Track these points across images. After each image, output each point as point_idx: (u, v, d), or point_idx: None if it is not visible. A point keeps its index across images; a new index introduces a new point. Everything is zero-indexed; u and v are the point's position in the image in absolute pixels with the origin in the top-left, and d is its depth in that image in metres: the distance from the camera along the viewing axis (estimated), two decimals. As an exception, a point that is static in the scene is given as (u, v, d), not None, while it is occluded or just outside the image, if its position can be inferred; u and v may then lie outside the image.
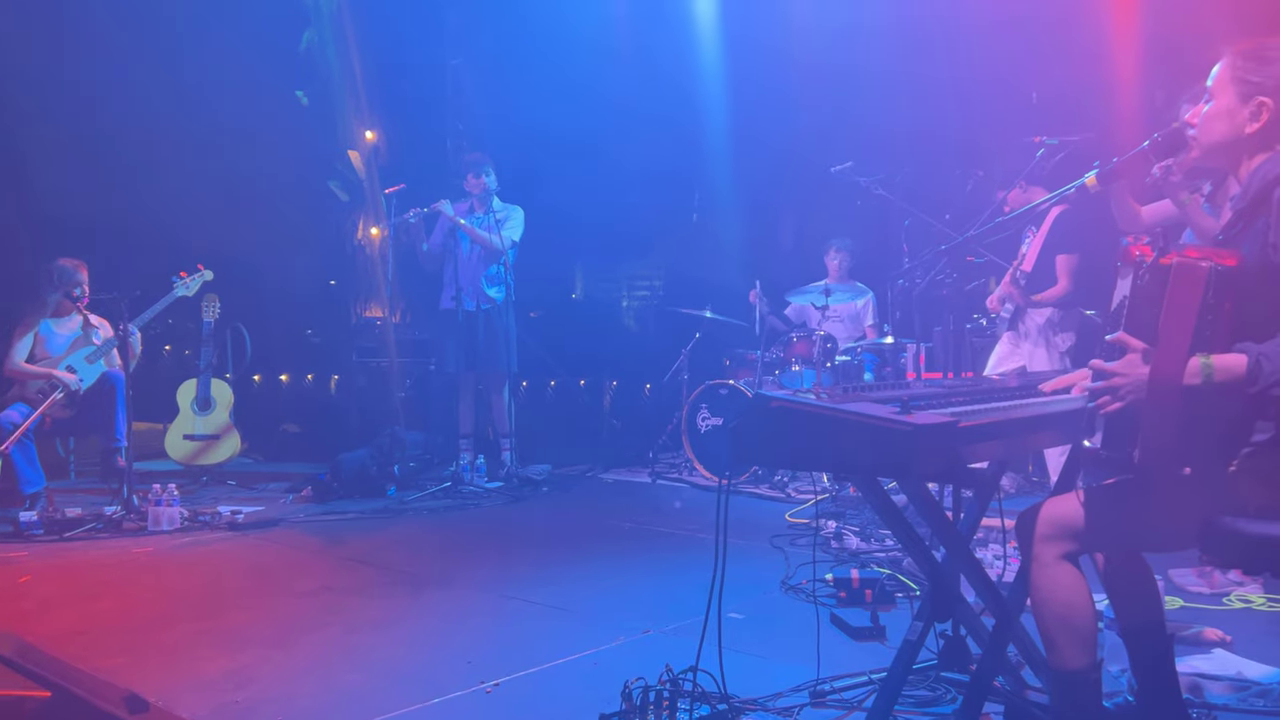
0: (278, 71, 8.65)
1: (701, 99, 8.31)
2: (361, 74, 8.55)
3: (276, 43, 8.61)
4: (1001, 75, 6.93)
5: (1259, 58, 2.10)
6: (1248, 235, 2.04)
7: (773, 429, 2.09)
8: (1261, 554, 1.94)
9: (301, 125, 8.78)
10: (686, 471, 7.14)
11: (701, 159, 8.59)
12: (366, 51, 8.56)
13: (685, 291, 8.14)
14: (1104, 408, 1.99)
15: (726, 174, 8.59)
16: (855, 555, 4.49)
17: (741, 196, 8.68)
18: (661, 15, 8.08)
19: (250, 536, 5.07)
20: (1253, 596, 3.78)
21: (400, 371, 7.73)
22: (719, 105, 8.33)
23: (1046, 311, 5.18)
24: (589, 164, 8.46)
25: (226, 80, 8.19)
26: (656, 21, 8.08)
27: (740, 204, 8.73)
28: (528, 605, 3.82)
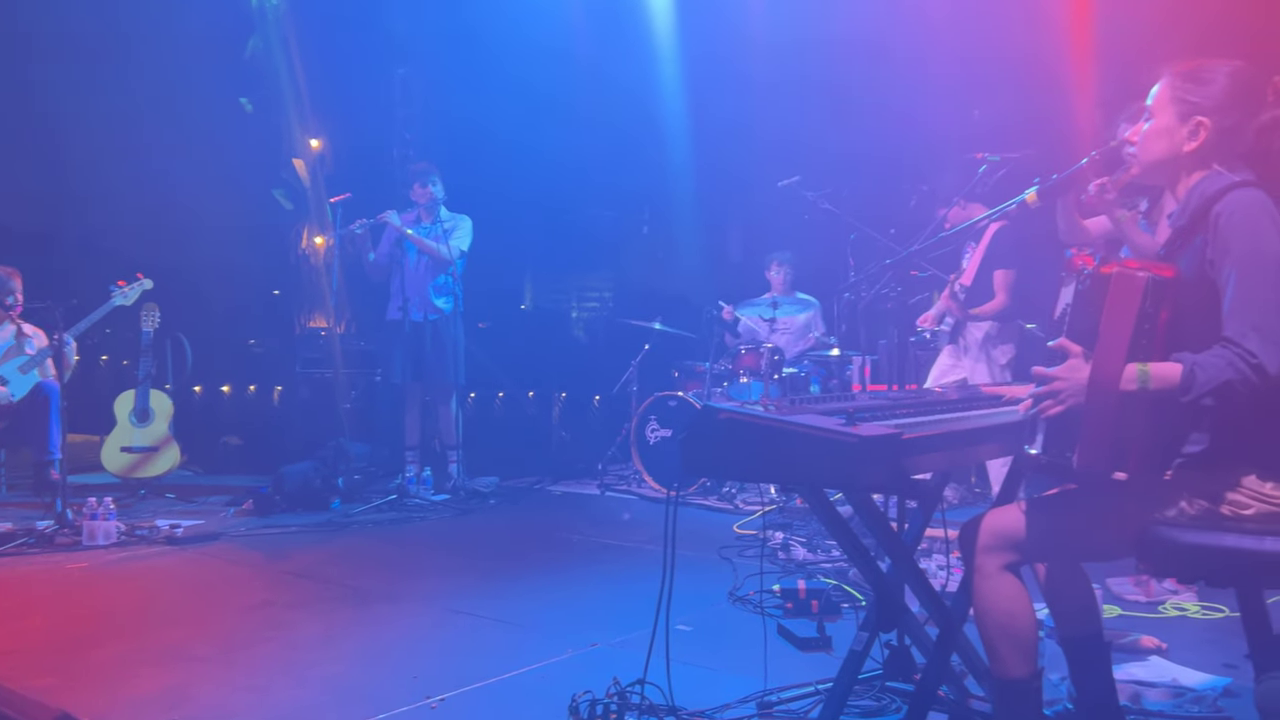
0: (222, 78, 8.53)
1: (653, 112, 8.34)
2: (307, 82, 8.46)
3: (221, 49, 8.49)
4: (945, 93, 7.06)
5: (1196, 78, 2.17)
6: (1186, 251, 2.10)
7: (721, 441, 2.09)
8: (1195, 563, 1.99)
9: (246, 133, 8.65)
10: (635, 483, 7.13)
11: (652, 172, 8.62)
12: (312, 59, 8.48)
13: (635, 303, 8.16)
14: (1045, 412, 2.04)
15: (677, 187, 8.63)
16: (802, 566, 4.52)
17: (691, 209, 8.73)
18: (615, 28, 8.10)
19: (189, 551, 4.96)
20: (1187, 605, 3.87)
21: (345, 383, 7.63)
22: (670, 119, 8.37)
23: (985, 325, 5.28)
24: (539, 175, 8.45)
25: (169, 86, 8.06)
26: (609, 34, 8.10)
27: (690, 217, 8.78)
28: (474, 619, 3.78)
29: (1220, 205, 2.03)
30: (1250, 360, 1.89)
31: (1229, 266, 1.98)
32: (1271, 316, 1.92)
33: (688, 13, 7.97)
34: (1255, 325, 1.92)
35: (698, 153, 8.38)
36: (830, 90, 7.32)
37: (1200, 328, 2.00)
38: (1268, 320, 1.92)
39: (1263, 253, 1.97)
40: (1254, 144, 2.12)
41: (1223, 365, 1.90)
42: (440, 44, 8.82)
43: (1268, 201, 2.01)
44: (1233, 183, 2.06)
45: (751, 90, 7.74)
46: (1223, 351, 1.93)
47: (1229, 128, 2.13)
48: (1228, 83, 2.14)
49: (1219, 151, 2.15)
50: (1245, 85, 2.14)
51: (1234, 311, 1.95)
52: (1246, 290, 1.95)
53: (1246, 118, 2.13)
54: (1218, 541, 1.94)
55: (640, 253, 8.96)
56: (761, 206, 7.72)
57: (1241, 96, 2.14)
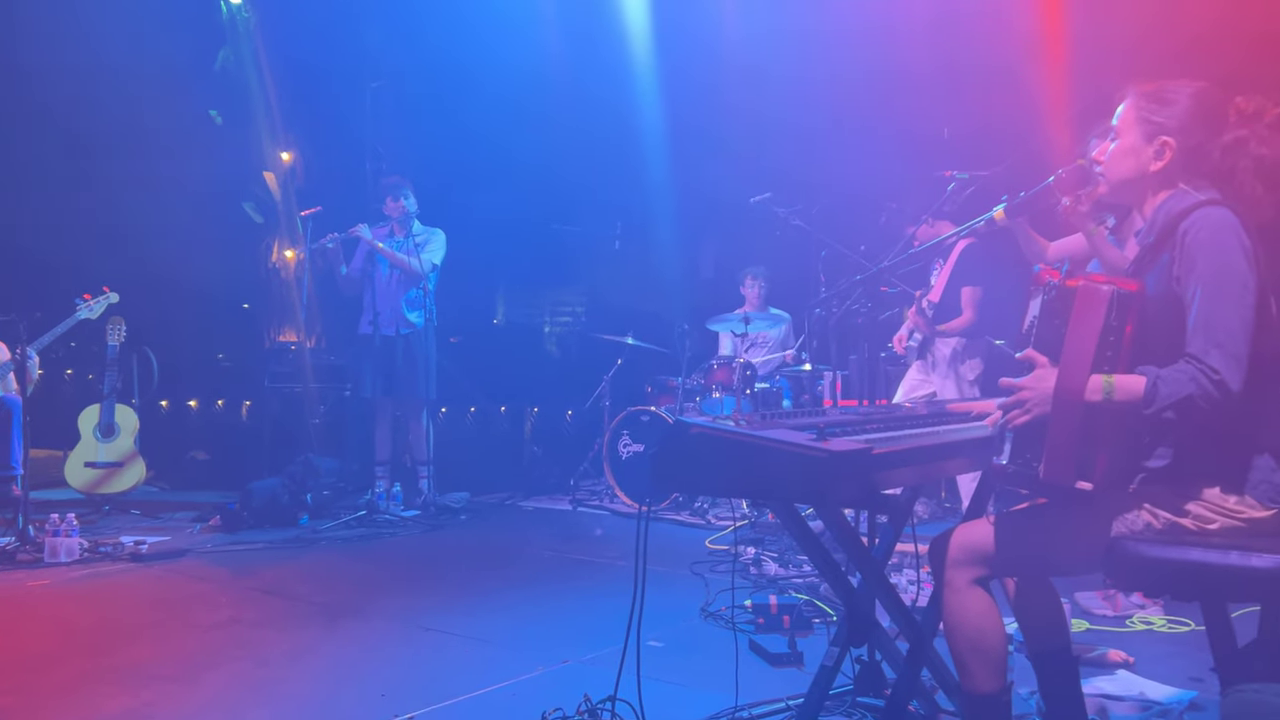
0: (192, 90, 8.47)
1: (626, 128, 8.37)
2: (278, 95, 8.41)
3: (191, 61, 8.43)
4: (915, 112, 7.14)
5: (1160, 99, 2.21)
6: (1153, 268, 2.13)
7: (693, 455, 2.10)
8: (1161, 577, 2.01)
9: (215, 145, 8.59)
10: (608, 499, 7.11)
11: (625, 187, 8.64)
12: (283, 72, 8.44)
13: (608, 318, 8.16)
14: (1013, 421, 2.07)
15: (650, 202, 8.65)
16: (774, 581, 4.52)
17: (664, 225, 8.75)
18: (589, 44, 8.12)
19: (154, 568, 4.89)
20: (1154, 619, 3.90)
21: (315, 397, 7.56)
22: (643, 135, 8.39)
23: (953, 341, 5.33)
24: (512, 189, 8.45)
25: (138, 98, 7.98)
26: (583, 50, 8.12)
27: (663, 232, 8.79)
28: (444, 636, 3.75)
29: (1186, 223, 2.07)
30: (1213, 376, 1.92)
31: (1194, 283, 2.02)
32: (1235, 334, 1.95)
33: (662, 29, 8.01)
34: (1218, 342, 1.95)
35: (671, 169, 8.41)
36: (801, 107, 7.38)
37: (1166, 343, 2.03)
38: (1231, 338, 1.95)
39: (1227, 271, 2.00)
40: (1218, 163, 2.16)
41: (1185, 380, 1.93)
42: (413, 58, 8.81)
43: (1234, 220, 2.05)
44: (1199, 201, 2.10)
45: (724, 107, 7.78)
46: (1186, 367, 1.96)
47: (1193, 147, 2.17)
48: (1191, 103, 2.18)
49: (1184, 171, 2.19)
50: (1208, 106, 2.18)
51: (1198, 328, 1.99)
52: (1210, 307, 1.98)
53: (1210, 138, 2.16)
54: (1183, 555, 1.96)
55: (613, 268, 8.95)
56: (734, 222, 7.76)
57: (1205, 117, 2.18)
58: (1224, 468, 2.05)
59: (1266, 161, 2.11)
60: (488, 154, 8.29)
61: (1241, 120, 2.15)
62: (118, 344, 6.48)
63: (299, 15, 8.43)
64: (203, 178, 8.43)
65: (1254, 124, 2.14)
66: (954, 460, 2.39)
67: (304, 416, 7.36)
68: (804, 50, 7.14)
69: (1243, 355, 1.95)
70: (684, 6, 7.70)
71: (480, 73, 8.22)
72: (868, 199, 6.22)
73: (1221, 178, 2.15)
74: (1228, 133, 2.15)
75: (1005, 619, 2.26)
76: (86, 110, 7.89)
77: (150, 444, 6.80)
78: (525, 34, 7.89)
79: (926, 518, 6.21)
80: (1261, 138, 2.12)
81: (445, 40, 8.30)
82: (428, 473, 6.71)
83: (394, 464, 6.83)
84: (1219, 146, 2.15)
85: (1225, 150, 2.14)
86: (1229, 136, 2.15)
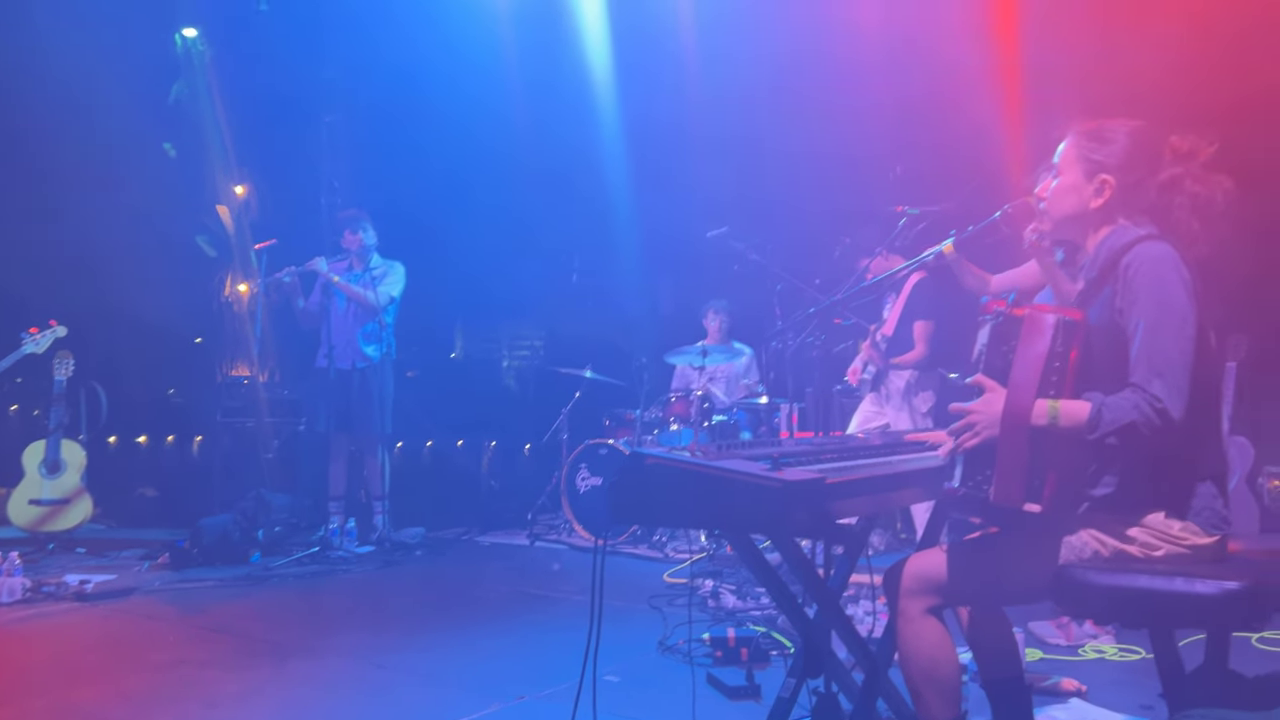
0: (145, 123, 8.38)
1: (584, 162, 8.40)
2: (232, 128, 8.36)
3: (145, 94, 8.35)
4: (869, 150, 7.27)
5: (1099, 138, 2.27)
6: (1097, 301, 2.19)
7: (649, 487, 2.10)
8: (1109, 604, 2.04)
9: (169, 178, 8.50)
10: (566, 533, 7.07)
11: (583, 221, 8.67)
12: (238, 105, 8.39)
13: (566, 351, 8.16)
14: (963, 444, 2.11)
15: (607, 236, 8.69)
16: (732, 614, 4.51)
17: (622, 258, 8.78)
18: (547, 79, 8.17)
19: (100, 607, 4.76)
20: (1105, 647, 3.95)
21: (268, 432, 7.46)
22: (602, 167, 8.44)
23: (906, 374, 5.40)
24: (469, 222, 8.44)
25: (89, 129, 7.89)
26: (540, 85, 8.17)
27: (621, 266, 8.83)
28: (398, 674, 3.69)
29: (1128, 258, 2.13)
30: (1155, 404, 1.97)
31: (1136, 316, 2.07)
32: (1175, 365, 2.01)
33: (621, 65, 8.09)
34: (1160, 372, 2.00)
35: (629, 202, 8.46)
36: (758, 143, 7.48)
37: (1110, 373, 2.08)
38: (1172, 368, 2.00)
39: (1167, 304, 2.06)
40: (1155, 200, 2.23)
41: (1129, 407, 1.98)
42: (370, 91, 8.81)
43: (1173, 254, 2.11)
44: (1139, 236, 2.16)
45: (682, 142, 7.86)
46: (1130, 394, 2.01)
47: (1132, 185, 2.24)
48: (1129, 142, 2.25)
49: (1124, 207, 2.25)
50: (1145, 144, 2.25)
51: (1141, 359, 2.04)
52: (1152, 339, 2.04)
53: (1148, 176, 2.23)
54: (1129, 582, 1.99)
55: (571, 301, 8.98)
56: (692, 256, 7.81)
57: (1142, 155, 2.25)
58: (1168, 495, 2.09)
59: (1200, 199, 2.18)
60: (444, 188, 8.28)
61: (1176, 159, 2.23)
62: (65, 379, 6.35)
63: (254, 49, 8.40)
64: (156, 211, 8.32)
65: (1188, 162, 2.21)
66: (907, 490, 2.41)
67: (256, 452, 7.25)
68: (761, 87, 7.25)
69: (1184, 385, 2.00)
70: (643, 43, 7.79)
71: (437, 106, 8.23)
72: (823, 233, 6.30)
73: (1159, 214, 2.22)
74: (1164, 171, 2.22)
75: (960, 648, 2.28)
76: (36, 141, 7.78)
77: (98, 481, 6.64)
78: (483, 68, 7.93)
79: (882, 549, 6.25)
80: (1196, 176, 2.20)
81: (402, 74, 8.32)
82: (383, 508, 6.63)
83: (348, 499, 6.74)
84: (1156, 184, 2.22)
85: (1162, 188, 2.21)
86: (1165, 174, 2.22)
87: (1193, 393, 2.01)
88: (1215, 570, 1.98)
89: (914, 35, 6.62)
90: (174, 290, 8.59)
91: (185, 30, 8.33)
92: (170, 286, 8.51)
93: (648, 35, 7.74)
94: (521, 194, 8.60)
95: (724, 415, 6.84)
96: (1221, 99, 5.36)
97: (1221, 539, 2.09)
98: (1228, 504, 2.15)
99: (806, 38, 7.04)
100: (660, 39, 7.67)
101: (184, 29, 8.31)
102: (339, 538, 6.30)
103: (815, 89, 7.06)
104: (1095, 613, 2.20)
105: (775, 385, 6.76)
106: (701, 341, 7.14)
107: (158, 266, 8.30)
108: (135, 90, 8.22)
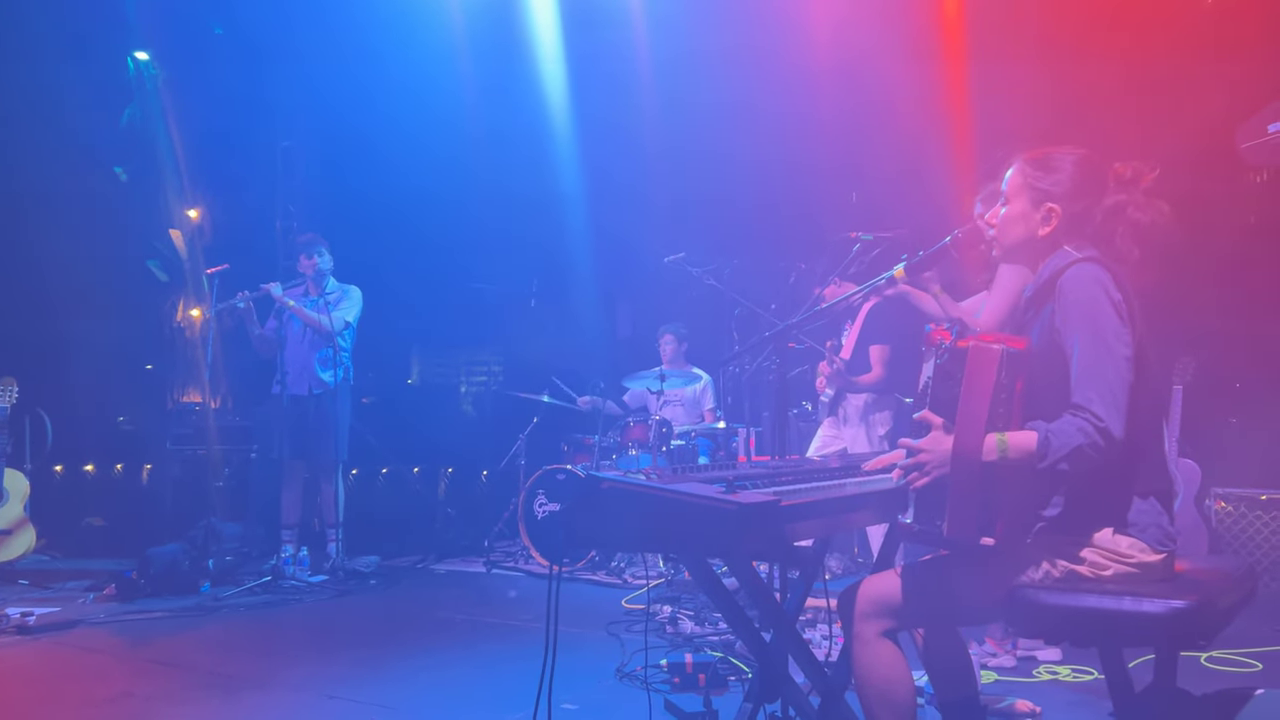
0: (97, 147, 8.27)
1: (541, 188, 8.42)
2: (185, 152, 8.27)
3: (96, 117, 8.25)
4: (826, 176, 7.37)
5: (1045, 166, 2.32)
6: (1037, 320, 2.22)
7: (605, 510, 2.09)
8: (1059, 623, 2.06)
9: (120, 203, 8.38)
10: (523, 560, 7.01)
11: (540, 246, 8.68)
12: (191, 129, 8.30)
13: (524, 376, 8.12)
14: (913, 484, 2.11)
15: (564, 261, 8.70)
16: (690, 639, 4.49)
17: (580, 283, 8.79)
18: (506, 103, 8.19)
19: (43, 640, 4.63)
20: (1060, 668, 3.98)
21: (219, 460, 7.33)
22: (559, 192, 8.46)
23: (864, 396, 5.43)
24: (426, 248, 8.42)
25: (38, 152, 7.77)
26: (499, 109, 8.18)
27: (578, 290, 8.84)
28: (351, 705, 3.63)
29: (1063, 279, 2.17)
30: (1098, 424, 2.00)
31: (1071, 335, 2.11)
32: (1112, 384, 2.04)
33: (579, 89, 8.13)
34: (1099, 392, 2.03)
35: (587, 227, 8.48)
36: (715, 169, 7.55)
37: (1051, 395, 2.11)
38: (1109, 388, 2.03)
39: (1099, 324, 2.10)
40: (1099, 227, 2.27)
41: (1073, 431, 2.00)
42: (326, 116, 8.76)
43: (1105, 276, 2.15)
44: (1075, 259, 2.21)
45: (640, 168, 7.91)
46: (1072, 419, 2.03)
47: (1077, 213, 2.28)
48: (1074, 170, 2.30)
49: (1070, 234, 2.30)
50: (1089, 172, 2.30)
51: (1079, 380, 2.07)
52: (1088, 359, 2.07)
53: (1092, 203, 2.28)
54: (1079, 602, 2.01)
55: (529, 326, 8.95)
56: (650, 281, 7.85)
57: (1086, 183, 2.29)
58: (1112, 511, 2.12)
59: (1141, 226, 2.23)
60: (402, 212, 8.25)
61: (1120, 185, 2.27)
62: (9, 405, 6.20)
63: (209, 73, 8.34)
64: (107, 235, 8.20)
65: (1131, 189, 2.26)
66: (861, 512, 2.43)
67: (207, 480, 7.12)
68: (717, 115, 7.32)
69: (1122, 403, 2.03)
70: (600, 67, 7.84)
71: (394, 130, 8.21)
72: (779, 259, 6.36)
73: (1102, 240, 2.26)
74: (1108, 197, 2.27)
75: (915, 671, 2.28)
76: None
77: (43, 510, 6.48)
78: (439, 94, 7.93)
79: (840, 573, 6.27)
80: (1138, 204, 2.25)
81: (357, 99, 8.30)
82: (337, 536, 6.52)
83: (302, 527, 6.64)
84: (1100, 211, 2.27)
85: (1105, 215, 2.26)
86: (1109, 201, 2.26)
87: (1133, 410, 2.04)
88: (1163, 589, 2.01)
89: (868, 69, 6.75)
90: (124, 315, 8.45)
91: (138, 53, 8.24)
92: (120, 312, 8.37)
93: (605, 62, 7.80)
94: (479, 218, 8.59)
95: (682, 440, 6.84)
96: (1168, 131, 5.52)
97: (1168, 556, 2.12)
98: (1173, 521, 2.18)
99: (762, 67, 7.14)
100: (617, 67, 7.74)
101: (136, 52, 8.22)
102: (291, 567, 6.19)
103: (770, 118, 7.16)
104: (1046, 632, 2.22)
105: (733, 410, 6.78)
106: (659, 366, 7.15)
107: (108, 291, 8.17)
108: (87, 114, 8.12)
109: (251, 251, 8.18)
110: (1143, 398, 2.10)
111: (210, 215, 8.53)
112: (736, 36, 7.07)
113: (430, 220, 8.37)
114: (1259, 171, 6.52)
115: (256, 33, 8.07)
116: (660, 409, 6.98)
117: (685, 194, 7.79)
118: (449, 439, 9.25)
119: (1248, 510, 5.97)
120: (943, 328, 2.16)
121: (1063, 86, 6.16)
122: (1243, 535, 5.96)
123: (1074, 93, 6.12)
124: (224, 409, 7.93)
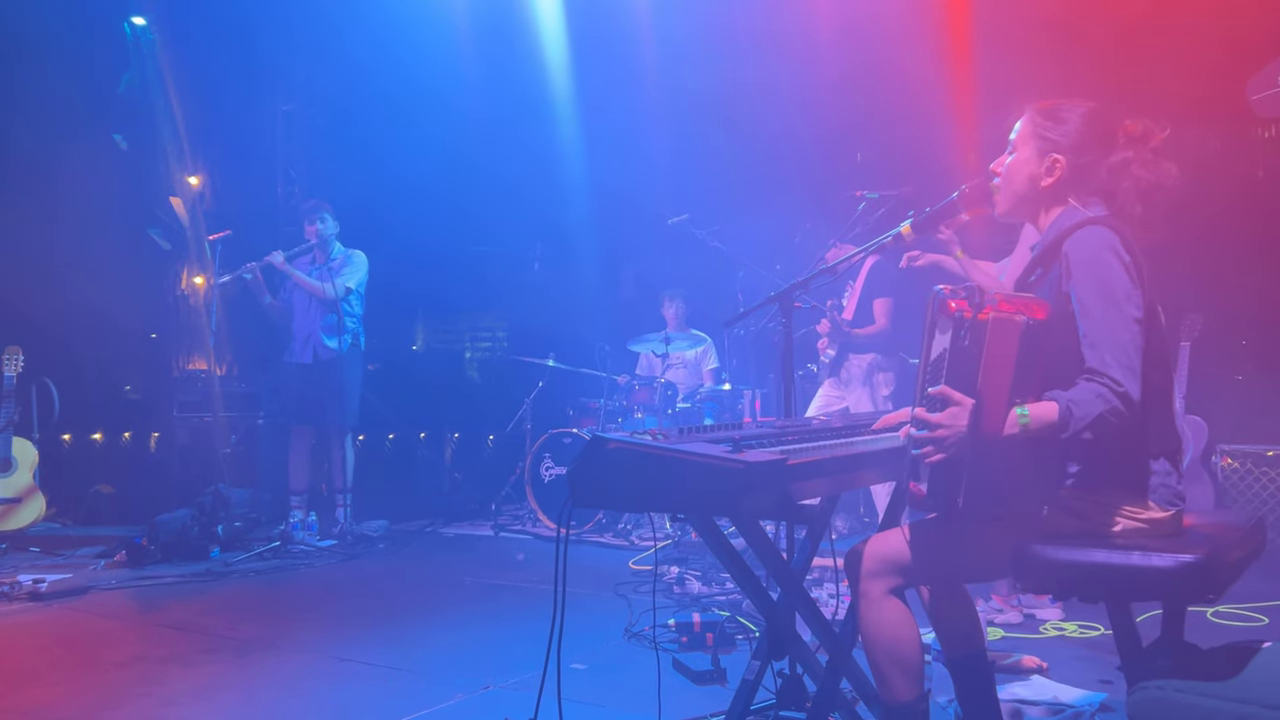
0: (95, 114, 8.21)
1: (543, 150, 8.36)
2: (185, 118, 8.19)
3: (94, 85, 8.17)
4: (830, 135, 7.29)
5: (1055, 116, 2.28)
6: (1044, 282, 2.19)
7: (611, 471, 2.09)
8: (1068, 578, 2.05)
9: (120, 170, 8.33)
10: (530, 523, 7.05)
11: (543, 209, 8.62)
12: (191, 95, 8.22)
13: (528, 341, 8.11)
14: (928, 458, 2.05)
15: (569, 224, 8.65)
16: (697, 599, 4.52)
17: (583, 247, 8.75)
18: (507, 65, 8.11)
19: (55, 606, 4.67)
20: (1066, 625, 4.01)
21: (225, 426, 7.35)
22: (561, 157, 8.40)
23: (867, 357, 5.38)
24: (429, 213, 8.36)
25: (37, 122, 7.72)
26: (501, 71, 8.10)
27: (582, 254, 8.79)
28: (362, 666, 3.66)
29: (1069, 243, 2.13)
30: (1117, 389, 1.97)
31: (1082, 297, 2.07)
32: (1126, 347, 2.01)
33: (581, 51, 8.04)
34: (1115, 356, 2.00)
35: (590, 190, 8.43)
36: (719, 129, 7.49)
37: (1063, 360, 2.08)
38: (1124, 351, 2.01)
39: (1110, 287, 2.06)
40: (1104, 182, 2.24)
41: (1093, 399, 1.97)
42: (328, 80, 8.68)
43: (1113, 239, 2.11)
44: (1085, 219, 2.17)
45: (642, 129, 7.84)
46: (1090, 385, 2.00)
47: (1083, 165, 2.25)
48: (1082, 123, 2.26)
49: (1075, 188, 2.26)
50: (1098, 126, 2.26)
51: (1093, 344, 2.03)
52: (1100, 322, 2.04)
53: (1100, 158, 2.24)
54: (1088, 557, 2.01)
55: (533, 290, 8.92)
56: (654, 244, 7.80)
57: (1095, 137, 2.26)
58: (1126, 473, 2.11)
59: (1145, 184, 2.19)
60: (404, 177, 8.18)
61: (1129, 142, 2.23)
62: (15, 375, 6.23)
63: (207, 37, 8.24)
64: (107, 204, 8.15)
65: (1139, 147, 2.22)
66: (868, 470, 2.42)
67: (214, 446, 7.14)
68: (722, 73, 7.23)
69: (1136, 366, 2.00)
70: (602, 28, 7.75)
71: (396, 94, 8.14)
72: (783, 220, 6.32)
73: (1107, 197, 2.23)
74: (1116, 153, 2.23)
75: (922, 628, 2.29)
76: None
77: (52, 479, 6.52)
78: (443, 55, 7.85)
79: (846, 532, 6.29)
80: (1145, 161, 2.21)
81: (360, 63, 8.21)
82: (345, 501, 6.56)
83: (310, 493, 6.67)
84: (1107, 166, 2.23)
85: (1111, 170, 2.22)
86: (1116, 157, 2.23)
87: (1145, 371, 2.02)
88: (1171, 544, 2.00)
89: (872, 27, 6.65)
90: (128, 284, 8.42)
91: (135, 18, 8.14)
92: (124, 280, 8.34)
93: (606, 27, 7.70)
94: (482, 182, 8.54)
95: (687, 402, 6.84)
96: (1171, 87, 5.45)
97: (1177, 514, 2.11)
98: (1181, 480, 2.17)
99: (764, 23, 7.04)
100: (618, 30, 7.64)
101: (133, 17, 8.12)
102: (300, 532, 6.23)
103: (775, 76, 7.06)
104: (1055, 588, 2.20)
105: (738, 372, 6.77)
106: (664, 329, 7.14)
107: (110, 260, 8.13)
108: (85, 81, 8.04)
109: (254, 218, 8.13)
110: (1153, 356, 2.08)
111: (211, 182, 8.46)
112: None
113: (432, 184, 8.31)
114: (1267, 125, 6.45)
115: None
116: (665, 372, 6.98)
117: (688, 154, 7.72)
118: (455, 404, 9.27)
119: (1254, 466, 5.98)
120: (960, 296, 2.06)
121: (1063, 43, 6.07)
122: (1249, 491, 5.96)
123: (1078, 51, 6.03)
124: (229, 375, 7.93)
